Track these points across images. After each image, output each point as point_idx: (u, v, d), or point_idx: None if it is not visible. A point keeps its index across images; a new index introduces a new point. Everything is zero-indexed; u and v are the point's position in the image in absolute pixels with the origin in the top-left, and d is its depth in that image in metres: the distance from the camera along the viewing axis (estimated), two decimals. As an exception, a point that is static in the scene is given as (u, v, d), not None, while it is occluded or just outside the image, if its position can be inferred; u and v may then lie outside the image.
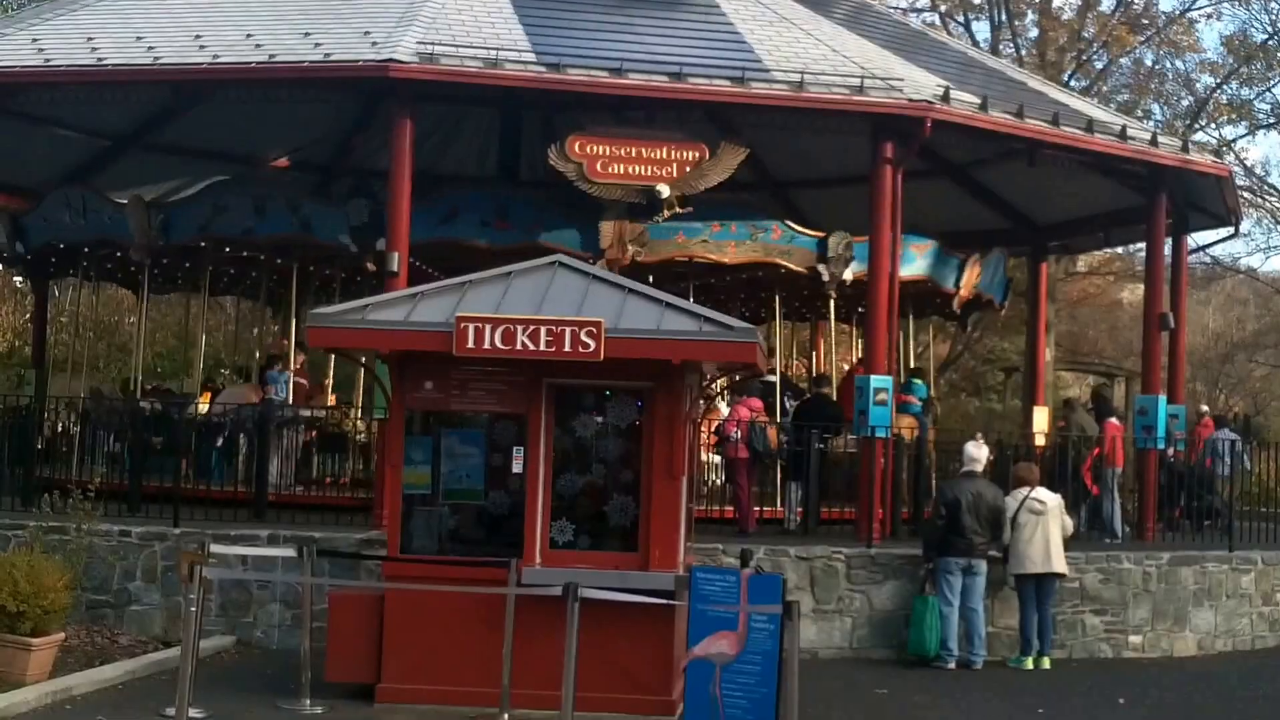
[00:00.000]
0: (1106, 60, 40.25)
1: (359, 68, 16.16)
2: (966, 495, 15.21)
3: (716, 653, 11.19)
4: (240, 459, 18.86)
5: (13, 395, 19.69)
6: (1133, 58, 40.93)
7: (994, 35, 40.30)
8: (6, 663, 12.19)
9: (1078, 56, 39.48)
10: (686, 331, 11.95)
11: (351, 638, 12.29)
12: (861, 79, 17.04)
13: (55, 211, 20.57)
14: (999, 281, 22.96)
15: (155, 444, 18.66)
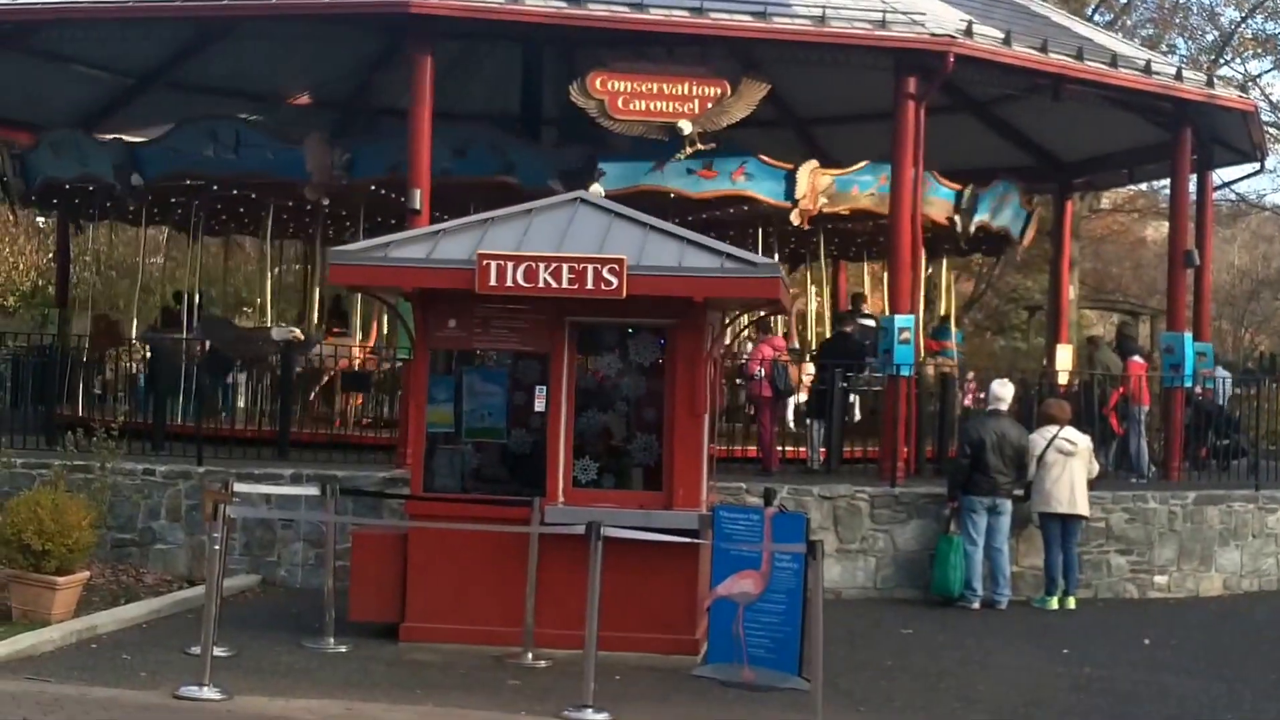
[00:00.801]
0: (1131, -7, 39.83)
1: (379, 4, 16.15)
2: (991, 434, 15.15)
3: (740, 592, 11.23)
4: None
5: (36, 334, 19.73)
6: (1157, -9, 40.52)
7: (1020, -30, 39.84)
8: (32, 601, 12.25)
9: (1102, -11, 39.05)
10: (708, 268, 11.87)
11: (375, 577, 12.31)
12: (884, 14, 16.86)
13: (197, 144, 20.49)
14: (1016, 215, 22.63)
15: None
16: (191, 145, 19.41)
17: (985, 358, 32.67)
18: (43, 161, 20.60)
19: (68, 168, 20.16)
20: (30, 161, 20.91)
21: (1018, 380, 17.80)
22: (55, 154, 20.31)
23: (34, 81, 20.17)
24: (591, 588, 10.39)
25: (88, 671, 10.94)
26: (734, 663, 11.27)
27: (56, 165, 20.32)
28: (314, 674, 11.21)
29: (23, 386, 18.00)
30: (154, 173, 19.43)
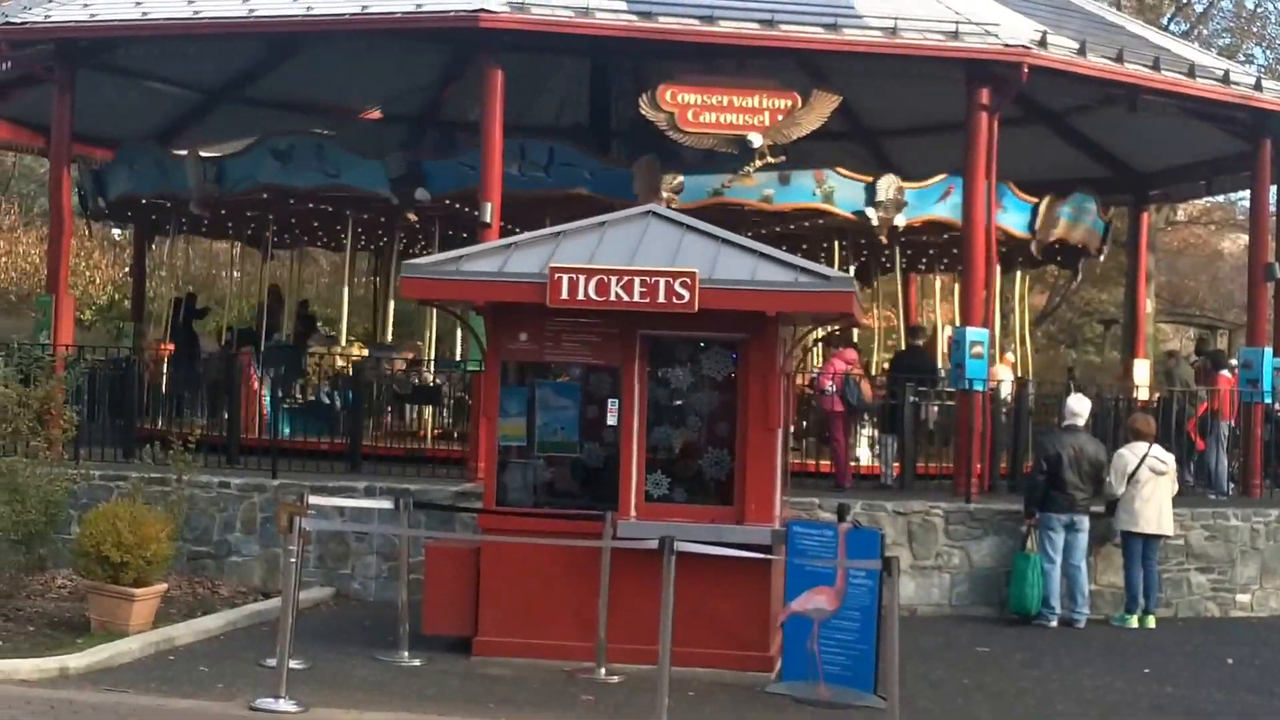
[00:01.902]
0: (1207, 3, 39.44)
1: (450, 18, 16.10)
2: (1068, 450, 14.97)
3: (814, 608, 11.14)
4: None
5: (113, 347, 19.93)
6: (1234, 0, 40.12)
7: (1092, -21, 39.57)
8: (110, 612, 12.34)
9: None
10: (781, 282, 11.81)
11: (448, 590, 12.32)
12: (956, 24, 16.74)
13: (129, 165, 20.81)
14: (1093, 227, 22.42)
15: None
16: (266, 160, 19.59)
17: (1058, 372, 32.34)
18: (120, 176, 20.80)
19: (147, 182, 20.36)
20: (107, 176, 21.13)
21: (1093, 395, 17.59)
22: (133, 168, 20.49)
23: (109, 98, 20.33)
24: (665, 603, 10.33)
25: (165, 683, 11.01)
26: (809, 680, 11.19)
27: (134, 179, 20.49)
28: (388, 687, 11.22)
29: (100, 400, 18.13)
30: (234, 186, 19.61)
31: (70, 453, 15.55)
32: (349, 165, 18.66)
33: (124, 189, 21.01)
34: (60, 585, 14.14)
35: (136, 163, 20.65)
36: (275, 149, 18.94)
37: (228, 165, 19.55)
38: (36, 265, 35.02)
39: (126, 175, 20.77)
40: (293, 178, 19.08)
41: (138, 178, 20.66)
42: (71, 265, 20.96)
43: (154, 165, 20.41)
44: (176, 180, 19.91)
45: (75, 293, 23.73)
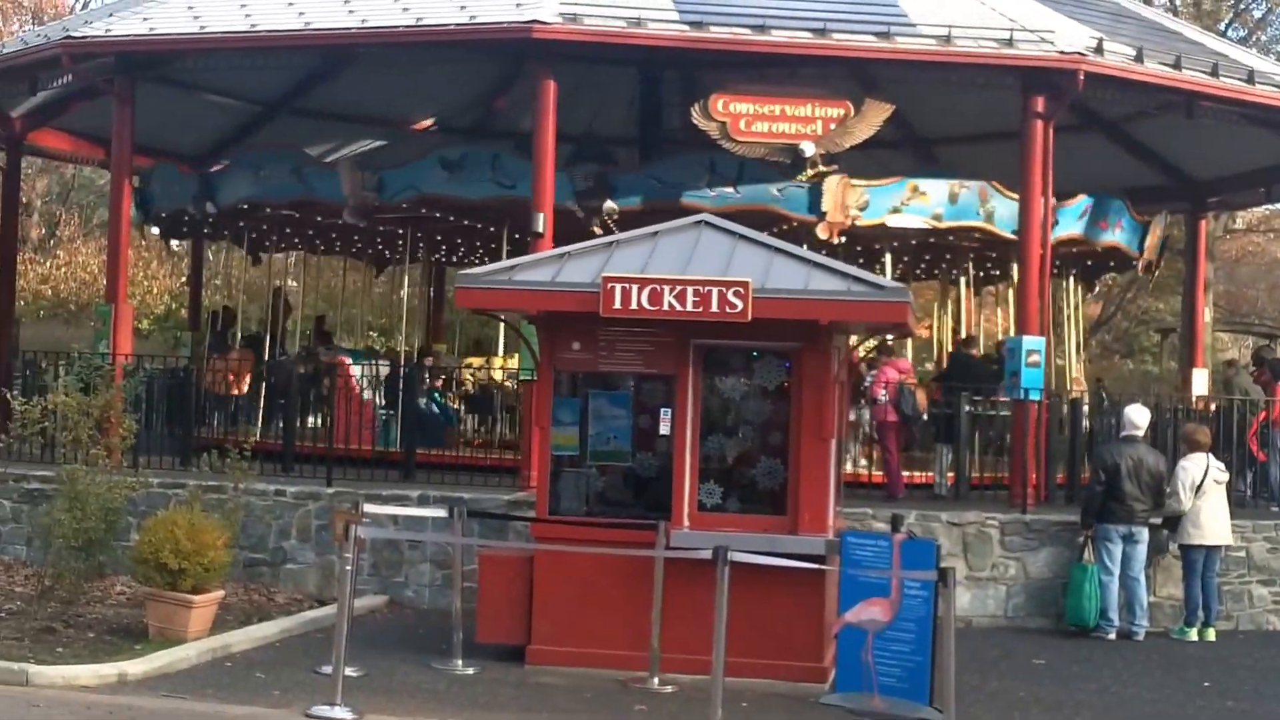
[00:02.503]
0: (1265, 9, 39.15)
1: (503, 29, 16.16)
2: (1127, 460, 14.84)
3: (869, 619, 11.11)
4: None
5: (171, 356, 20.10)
6: (1292, 5, 39.78)
7: (1148, -15, 39.35)
8: (168, 619, 12.43)
9: (1235, 5, 38.43)
10: (835, 291, 11.79)
11: (502, 599, 12.36)
12: (1010, 32, 16.67)
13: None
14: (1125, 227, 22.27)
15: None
16: (434, 170, 19.44)
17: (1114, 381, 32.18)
18: (241, 181, 20.79)
19: (278, 189, 20.37)
20: (219, 181, 21.13)
21: (1150, 405, 17.46)
22: (259, 174, 20.46)
23: (170, 110, 20.53)
24: (719, 613, 10.33)
25: (222, 689, 11.09)
26: (864, 691, 11.16)
27: (260, 185, 20.54)
28: (442, 695, 11.26)
29: (157, 408, 18.29)
30: (393, 196, 19.41)
31: (129, 460, 15.70)
32: (526, 176, 18.20)
33: (245, 194, 20.83)
34: (119, 592, 14.32)
35: (265, 168, 20.31)
36: (445, 159, 18.78)
37: (388, 175, 19.31)
38: (95, 275, 35.44)
39: (251, 181, 20.53)
40: (462, 188, 18.83)
41: (265, 184, 20.35)
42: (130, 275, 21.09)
43: (290, 172, 20.17)
44: (324, 188, 19.71)
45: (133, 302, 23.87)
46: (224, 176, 21.15)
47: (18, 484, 16.13)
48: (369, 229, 21.72)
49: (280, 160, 20.24)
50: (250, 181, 20.36)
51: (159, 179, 21.80)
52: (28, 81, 19.23)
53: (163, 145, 22.40)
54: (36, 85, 19.33)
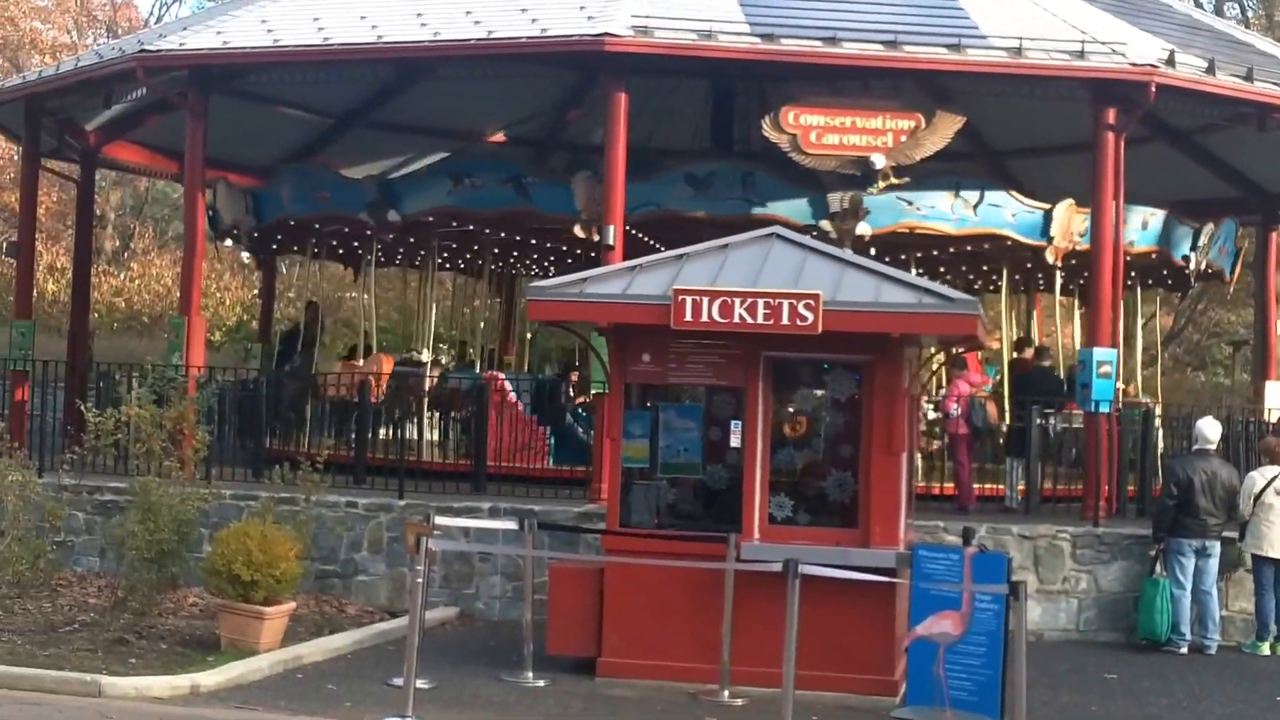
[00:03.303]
0: (1339, 20, 38.71)
1: (574, 42, 16.22)
2: (1200, 474, 14.72)
3: (940, 633, 11.06)
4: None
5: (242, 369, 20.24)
6: (1367, 16, 39.30)
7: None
8: (240, 630, 12.54)
9: (1308, 17, 38.07)
10: (905, 304, 11.78)
11: (572, 611, 12.39)
12: (1082, 44, 16.57)
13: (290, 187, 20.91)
14: (1229, 252, 22.22)
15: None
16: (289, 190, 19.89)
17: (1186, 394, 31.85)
18: (436, 192, 20.42)
19: (313, 204, 20.43)
20: (402, 190, 20.86)
21: (1222, 418, 17.30)
22: (296, 190, 20.55)
23: (243, 123, 20.73)
24: (789, 626, 10.33)
25: (295, 701, 11.18)
26: (935, 705, 11.10)
27: (298, 202, 20.62)
28: (513, 708, 11.32)
29: (229, 420, 18.44)
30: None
31: (201, 472, 15.78)
32: (778, 193, 18.33)
33: (285, 210, 21.03)
34: (191, 603, 14.44)
35: (475, 175, 19.73)
36: (692, 175, 18.62)
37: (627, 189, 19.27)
38: (169, 287, 35.80)
39: (446, 192, 20.10)
40: (709, 205, 18.55)
41: (484, 197, 19.88)
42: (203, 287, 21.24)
43: (503, 182, 19.88)
44: (557, 203, 19.23)
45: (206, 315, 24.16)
46: (413, 186, 20.77)
47: (91, 496, 16.23)
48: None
49: (493, 169, 19.90)
50: (446, 192, 19.75)
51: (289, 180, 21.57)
52: (102, 95, 19.41)
53: (235, 158, 22.59)
54: (111, 99, 19.52)
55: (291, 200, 20.85)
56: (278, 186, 21.31)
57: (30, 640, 12.54)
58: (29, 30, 39.86)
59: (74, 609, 14.08)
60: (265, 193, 21.56)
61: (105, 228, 39.80)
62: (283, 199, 21.05)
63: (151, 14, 47.04)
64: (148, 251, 41.47)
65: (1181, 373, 38.82)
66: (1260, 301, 25.08)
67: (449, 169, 19.18)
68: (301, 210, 20.82)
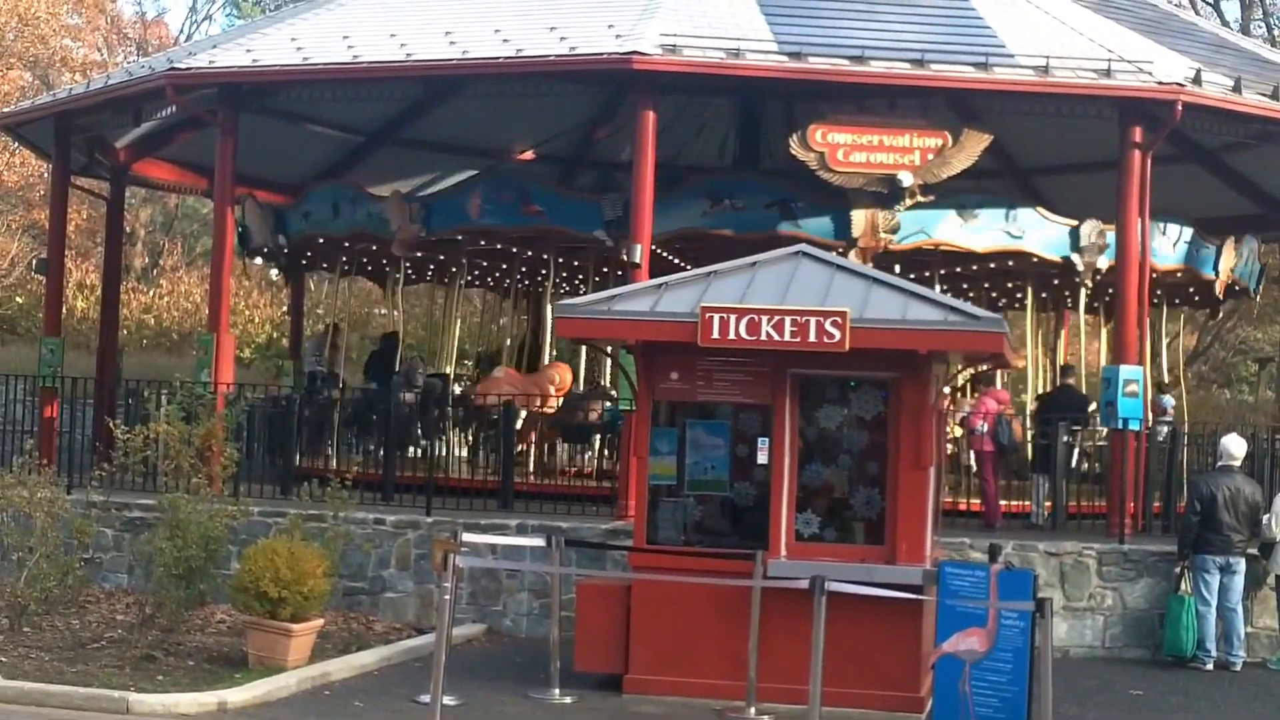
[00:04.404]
0: (1367, 38, 38.68)
1: (602, 60, 16.29)
2: (1224, 491, 14.73)
3: (966, 649, 11.08)
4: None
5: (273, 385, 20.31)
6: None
7: (1244, 15, 39.05)
8: (268, 647, 12.59)
9: (1335, 35, 38.05)
10: (932, 321, 11.82)
11: (599, 628, 12.43)
12: (1109, 62, 16.61)
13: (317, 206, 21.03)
14: (1253, 269, 22.21)
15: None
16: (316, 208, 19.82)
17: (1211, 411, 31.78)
18: (304, 215, 20.99)
19: (339, 223, 20.50)
20: (288, 216, 21.33)
21: (1247, 435, 17.29)
22: (325, 209, 20.58)
23: (272, 140, 20.84)
24: (815, 643, 10.36)
25: (322, 717, 11.27)
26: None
27: (326, 220, 20.68)
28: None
29: (258, 437, 18.51)
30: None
31: (230, 489, 15.80)
32: (1038, 226, 18.41)
33: (310, 228, 21.12)
34: (219, 620, 14.50)
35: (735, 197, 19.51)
36: (960, 205, 18.16)
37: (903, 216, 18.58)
38: (198, 304, 35.93)
39: (316, 215, 20.67)
40: (973, 237, 18.33)
41: (332, 218, 20.53)
42: (231, 304, 21.35)
43: (352, 204, 20.40)
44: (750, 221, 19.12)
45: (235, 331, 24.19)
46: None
47: (120, 512, 16.27)
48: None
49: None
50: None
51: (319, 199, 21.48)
52: (132, 112, 19.54)
53: (265, 175, 22.72)
54: (141, 116, 19.65)
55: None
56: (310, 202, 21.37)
57: (58, 657, 12.61)
58: (59, 48, 40.08)
59: (102, 626, 14.14)
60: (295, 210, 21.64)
61: (135, 244, 39.98)
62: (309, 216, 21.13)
63: (182, 31, 47.43)
64: (177, 268, 41.66)
65: (1207, 390, 38.74)
66: (1286, 319, 25.05)
67: (706, 190, 18.67)
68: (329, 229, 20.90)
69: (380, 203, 19.78)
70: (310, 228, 21.08)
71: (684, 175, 19.25)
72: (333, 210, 20.43)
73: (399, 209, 19.01)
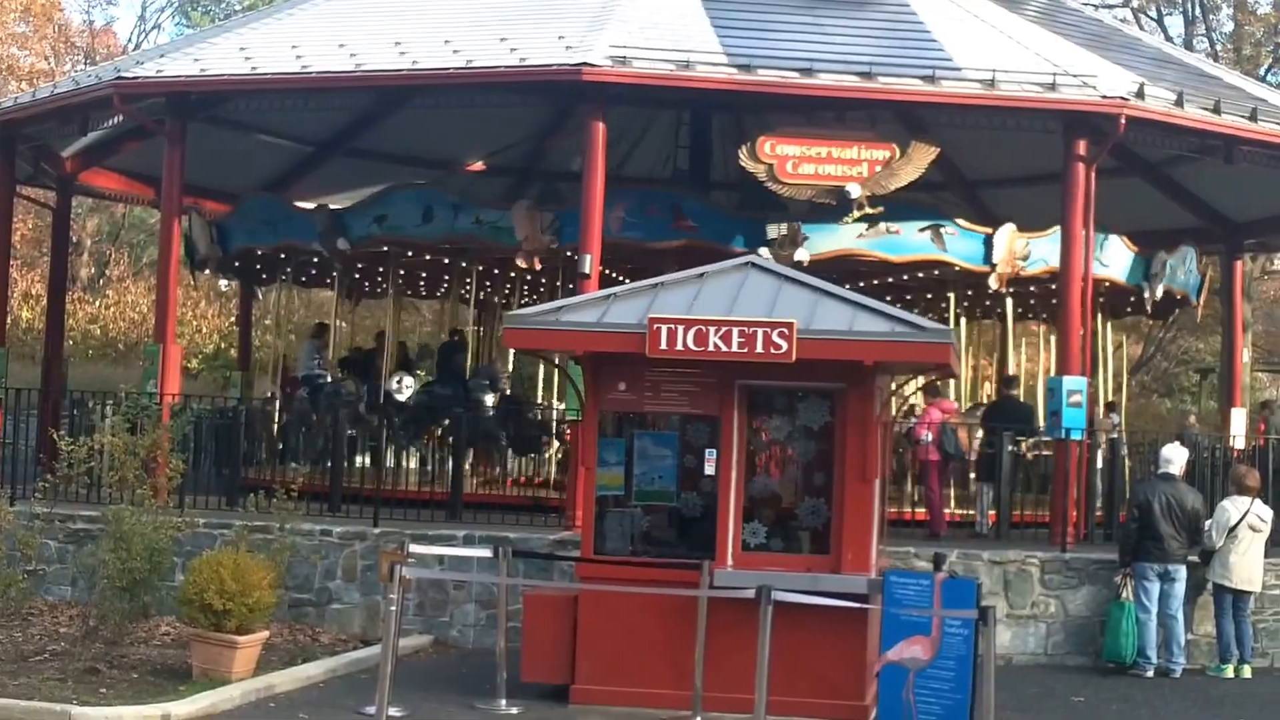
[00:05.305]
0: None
1: (553, 72, 16.34)
2: (1161, 498, 14.89)
3: (910, 657, 11.14)
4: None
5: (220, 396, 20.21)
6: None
7: (1188, 30, 39.52)
8: (213, 660, 12.49)
9: (1275, 50, 38.47)
10: (879, 332, 11.89)
11: (546, 638, 12.43)
12: (1054, 76, 16.79)
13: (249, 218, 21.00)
14: (1192, 279, 22.40)
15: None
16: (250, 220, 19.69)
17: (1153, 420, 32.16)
18: (240, 228, 20.98)
19: (268, 234, 20.48)
20: (227, 228, 21.31)
21: (1189, 444, 17.49)
22: (253, 221, 20.52)
23: (220, 150, 20.76)
24: (761, 652, 10.42)
25: (267, 729, 11.20)
26: (904, 729, 11.20)
27: (255, 232, 20.66)
28: (486, 734, 11.35)
29: (205, 448, 18.41)
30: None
31: (175, 500, 15.55)
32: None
33: (245, 241, 21.02)
34: (164, 632, 14.36)
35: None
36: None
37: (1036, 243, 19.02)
38: (144, 315, 35.74)
39: (248, 227, 20.64)
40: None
41: (259, 230, 20.53)
42: (179, 314, 21.24)
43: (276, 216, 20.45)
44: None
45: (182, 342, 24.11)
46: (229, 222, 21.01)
47: (63, 524, 15.97)
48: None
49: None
50: (638, 222, 19.11)
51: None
52: (79, 121, 19.47)
53: (219, 185, 22.64)
54: (88, 125, 19.59)
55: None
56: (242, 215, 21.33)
57: (0, 670, 12.48)
58: (6, 56, 39.87)
59: (45, 638, 14.00)
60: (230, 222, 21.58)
61: (81, 254, 39.76)
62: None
63: (130, 40, 47.20)
64: (123, 278, 41.42)
65: (1148, 399, 39.15)
66: (1227, 329, 25.34)
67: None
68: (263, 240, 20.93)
69: (307, 214, 19.89)
70: (247, 241, 21.05)
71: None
72: (263, 224, 20.37)
73: (529, 219, 18.60)
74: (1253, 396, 31.13)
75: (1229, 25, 39.35)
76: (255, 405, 20.31)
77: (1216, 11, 39.54)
